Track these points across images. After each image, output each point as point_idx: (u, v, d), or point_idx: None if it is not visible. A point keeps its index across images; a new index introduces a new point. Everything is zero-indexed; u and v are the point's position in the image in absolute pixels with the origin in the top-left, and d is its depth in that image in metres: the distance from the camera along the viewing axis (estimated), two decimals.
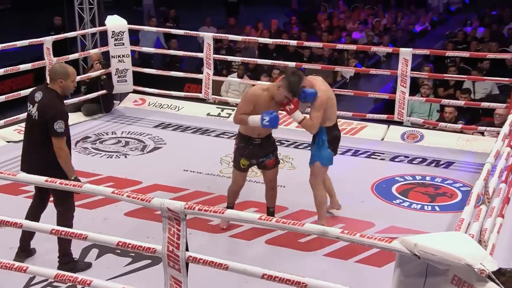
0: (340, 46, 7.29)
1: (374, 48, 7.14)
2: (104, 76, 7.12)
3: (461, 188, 5.24)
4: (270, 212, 4.59)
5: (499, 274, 2.05)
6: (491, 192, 3.50)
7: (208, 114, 7.33)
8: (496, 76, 7.66)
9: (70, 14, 9.40)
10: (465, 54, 7.03)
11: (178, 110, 7.48)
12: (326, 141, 4.31)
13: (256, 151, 4.38)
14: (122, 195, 2.78)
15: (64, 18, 9.53)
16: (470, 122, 6.96)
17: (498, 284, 1.96)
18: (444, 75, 7.23)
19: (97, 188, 2.88)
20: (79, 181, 3.52)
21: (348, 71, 9.27)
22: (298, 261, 4.14)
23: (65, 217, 3.75)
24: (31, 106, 3.78)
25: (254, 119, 4.13)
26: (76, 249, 4.06)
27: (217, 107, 7.40)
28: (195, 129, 6.88)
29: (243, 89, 8.24)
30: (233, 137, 6.53)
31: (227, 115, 7.24)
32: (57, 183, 2.89)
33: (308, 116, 4.28)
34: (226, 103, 7.51)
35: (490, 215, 3.65)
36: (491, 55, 7.18)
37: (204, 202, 4.99)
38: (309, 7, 14.17)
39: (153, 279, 3.57)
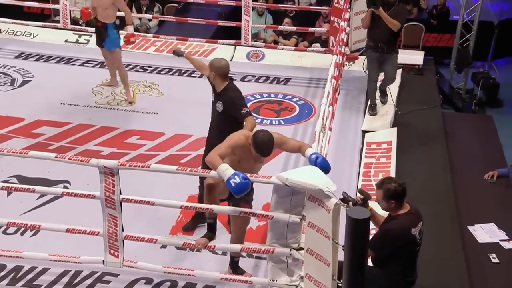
0: None
1: None
2: None
3: (298, 102, 6.61)
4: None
5: (362, 193, 3.37)
6: (326, 121, 4.83)
7: (66, 41, 7.64)
8: None
9: None
10: None
11: (34, 37, 7.66)
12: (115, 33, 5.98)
13: None
14: (64, 158, 3.55)
15: None
16: (299, 33, 8.28)
17: (337, 198, 3.25)
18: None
19: (42, 154, 3.61)
20: None
21: None
22: None
23: None
24: None
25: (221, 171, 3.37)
26: None
27: (74, 33, 7.71)
28: (58, 59, 7.24)
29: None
30: (98, 66, 7.11)
31: (86, 41, 7.65)
32: None
33: None
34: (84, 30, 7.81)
35: (324, 131, 5.02)
36: None
37: (90, 134, 5.75)
38: None
39: (64, 209, 4.48)
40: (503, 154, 6.05)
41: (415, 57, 7.47)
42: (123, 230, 3.74)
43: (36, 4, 8.15)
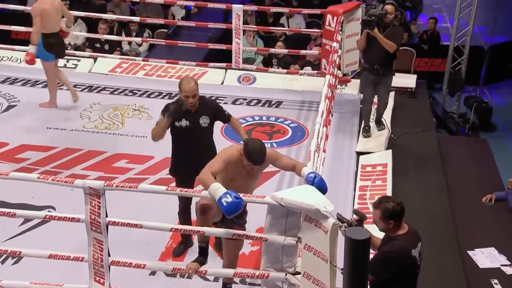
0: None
1: (210, 5, 7.89)
2: None
3: (290, 125, 6.48)
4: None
5: (357, 213, 3.19)
6: (320, 142, 4.70)
7: None
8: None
9: None
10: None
11: (20, 62, 7.52)
12: (42, 44, 6.00)
13: None
14: (47, 179, 3.37)
15: None
16: (291, 57, 8.20)
17: (335, 219, 3.09)
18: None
19: (24, 176, 3.42)
20: None
21: (179, 11, 9.88)
22: None
23: None
24: None
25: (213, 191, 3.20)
26: None
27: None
28: (44, 83, 7.07)
29: None
30: (86, 90, 6.98)
31: (74, 66, 7.54)
32: None
33: None
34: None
35: (318, 152, 4.88)
36: None
37: (77, 158, 5.57)
38: None
39: (48, 236, 4.26)
40: (500, 177, 5.94)
41: (407, 80, 7.41)
42: (109, 256, 3.54)
43: (23, 29, 8.03)
